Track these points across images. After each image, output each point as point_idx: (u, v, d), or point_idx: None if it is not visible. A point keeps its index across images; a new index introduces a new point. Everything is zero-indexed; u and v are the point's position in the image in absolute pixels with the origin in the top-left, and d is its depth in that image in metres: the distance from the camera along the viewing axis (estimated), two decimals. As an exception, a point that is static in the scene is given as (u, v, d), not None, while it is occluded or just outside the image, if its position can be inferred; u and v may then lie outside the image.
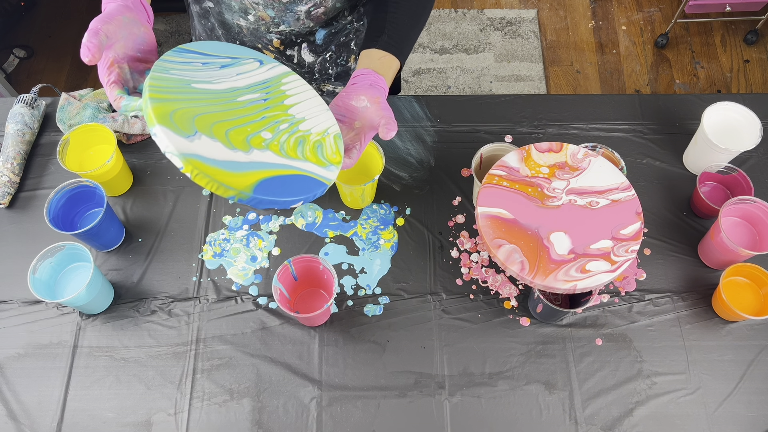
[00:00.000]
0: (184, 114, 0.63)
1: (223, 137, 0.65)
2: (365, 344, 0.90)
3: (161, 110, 0.61)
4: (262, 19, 0.93)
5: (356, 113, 0.78)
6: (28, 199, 1.01)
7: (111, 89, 0.68)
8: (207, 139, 0.63)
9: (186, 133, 0.62)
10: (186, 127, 0.62)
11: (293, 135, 0.71)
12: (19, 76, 2.18)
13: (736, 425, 0.85)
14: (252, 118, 0.69)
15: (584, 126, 1.07)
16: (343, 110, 0.79)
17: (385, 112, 0.78)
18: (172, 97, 0.63)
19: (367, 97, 0.78)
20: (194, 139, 0.62)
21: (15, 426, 0.85)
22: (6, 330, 0.91)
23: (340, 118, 0.79)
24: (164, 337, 0.90)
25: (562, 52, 2.25)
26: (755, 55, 2.23)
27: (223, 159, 0.63)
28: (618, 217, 0.81)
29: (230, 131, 0.66)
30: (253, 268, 0.95)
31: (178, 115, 0.62)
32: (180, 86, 0.65)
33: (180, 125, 0.62)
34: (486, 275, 0.95)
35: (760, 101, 1.08)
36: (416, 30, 0.88)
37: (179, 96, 0.64)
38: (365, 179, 0.96)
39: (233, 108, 0.68)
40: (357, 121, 0.78)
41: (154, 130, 0.60)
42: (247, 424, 0.85)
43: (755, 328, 0.91)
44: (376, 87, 0.80)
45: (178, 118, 0.62)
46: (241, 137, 0.67)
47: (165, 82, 0.64)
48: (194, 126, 0.63)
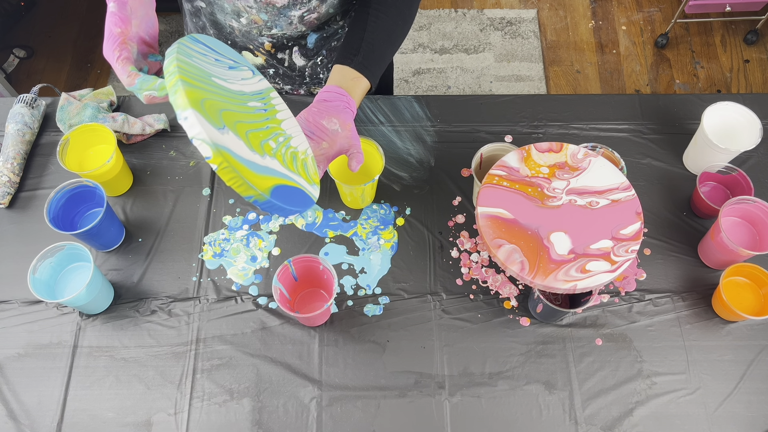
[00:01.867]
0: (212, 105, 0.61)
1: (245, 137, 0.64)
2: (365, 344, 0.90)
3: (194, 95, 0.58)
4: (255, 22, 0.93)
5: (326, 134, 0.78)
6: (28, 199, 1.01)
7: (123, 64, 0.67)
8: (233, 135, 0.61)
9: (216, 124, 0.59)
10: (215, 118, 0.60)
11: (288, 149, 0.71)
12: (19, 76, 2.18)
13: (736, 425, 0.85)
14: (261, 125, 0.69)
15: (584, 126, 1.07)
16: (313, 127, 0.78)
17: (355, 141, 0.79)
18: (199, 84, 0.61)
19: (339, 121, 0.78)
20: (224, 132, 0.60)
21: (15, 426, 0.85)
22: (6, 330, 0.91)
23: (309, 134, 0.78)
24: (164, 337, 0.90)
25: (562, 52, 2.25)
26: (755, 55, 2.23)
27: (247, 158, 0.62)
28: (618, 217, 0.81)
29: (249, 133, 0.65)
30: (253, 268, 0.95)
31: (208, 104, 0.60)
32: (203, 76, 0.63)
33: (211, 115, 0.59)
34: (486, 275, 0.95)
35: (760, 101, 1.08)
36: (391, 51, 0.89)
37: (205, 86, 0.62)
38: (365, 179, 0.96)
39: (247, 111, 0.68)
40: (325, 143, 0.78)
41: (185, 114, 0.57)
42: (247, 424, 0.85)
43: (755, 328, 0.91)
44: (347, 111, 0.80)
45: (209, 107, 0.60)
46: (257, 141, 0.66)
47: (191, 67, 0.61)
48: (222, 119, 0.61)
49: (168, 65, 0.60)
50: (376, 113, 1.08)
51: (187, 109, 0.57)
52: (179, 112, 0.57)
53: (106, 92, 1.07)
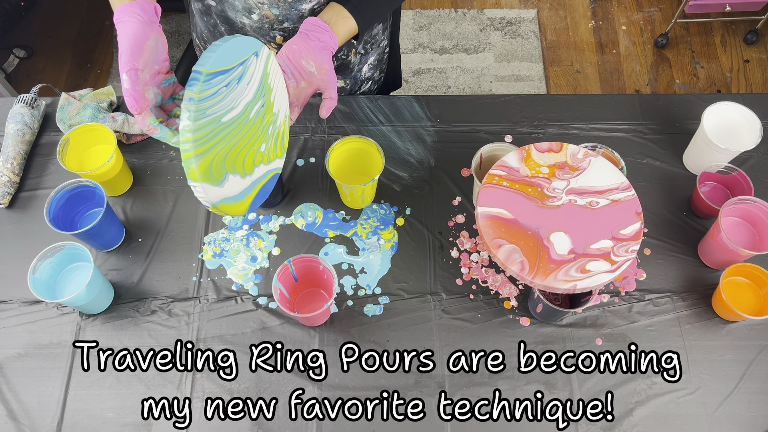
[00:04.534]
0: (218, 161, 0.69)
1: (241, 168, 0.72)
2: (365, 344, 0.90)
3: (203, 165, 0.66)
4: (267, 17, 0.93)
5: (304, 75, 0.82)
6: (28, 199, 1.01)
7: (143, 118, 0.71)
8: (231, 178, 0.71)
9: (218, 180, 0.69)
10: (218, 173, 0.69)
11: (274, 136, 0.77)
12: (19, 76, 2.18)
13: (736, 425, 0.85)
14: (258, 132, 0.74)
15: (584, 126, 1.07)
16: (292, 67, 0.82)
17: (330, 84, 0.83)
18: (209, 145, 0.67)
19: (316, 63, 0.82)
20: (224, 183, 0.70)
21: (15, 426, 0.85)
22: (6, 330, 0.91)
23: (289, 73, 0.82)
24: (164, 337, 0.90)
25: (562, 52, 2.25)
26: (755, 55, 2.23)
27: (239, 191, 0.72)
28: (618, 217, 0.81)
29: (246, 158, 0.73)
30: (253, 268, 0.95)
31: (214, 164, 0.68)
32: (214, 127, 0.68)
33: (215, 174, 0.69)
34: (486, 275, 0.95)
35: (760, 101, 1.08)
36: (387, 6, 0.92)
37: (215, 140, 0.68)
38: (365, 179, 0.96)
39: (248, 129, 0.73)
40: (303, 82, 0.83)
41: (195, 185, 0.67)
42: (247, 425, 0.85)
43: (755, 328, 0.91)
44: (325, 51, 0.83)
45: (215, 167, 0.68)
46: (249, 161, 0.74)
47: (203, 128, 0.66)
48: (225, 170, 0.70)
49: (183, 131, 0.65)
50: (376, 113, 1.08)
51: (198, 182, 0.67)
52: (190, 181, 0.67)
53: (106, 92, 1.07)
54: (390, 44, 1.14)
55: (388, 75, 1.19)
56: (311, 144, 1.05)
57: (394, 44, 1.17)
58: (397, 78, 1.24)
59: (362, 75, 1.11)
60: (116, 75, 2.19)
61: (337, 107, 1.08)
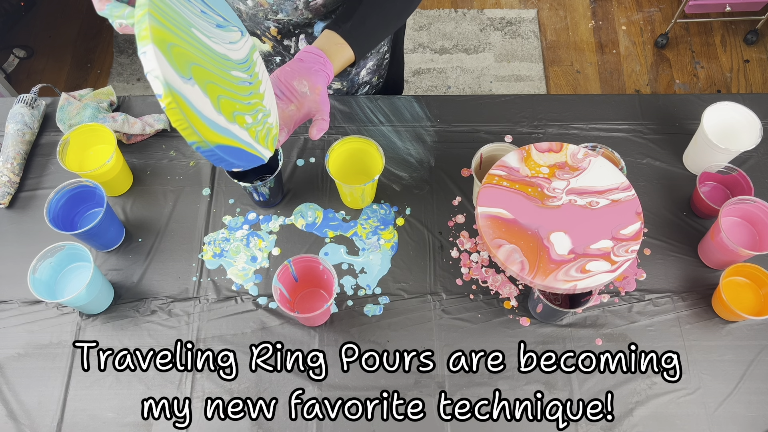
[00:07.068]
0: (182, 54, 0.57)
1: (215, 99, 0.60)
2: (365, 344, 0.90)
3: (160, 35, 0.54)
4: (261, 5, 0.92)
5: (295, 96, 0.79)
6: (28, 199, 1.01)
7: None
8: (199, 91, 0.58)
9: (181, 72, 0.56)
10: (182, 67, 0.56)
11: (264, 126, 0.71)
12: (19, 76, 2.18)
13: (736, 425, 0.85)
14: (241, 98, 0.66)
15: (584, 126, 1.07)
16: (283, 87, 0.79)
17: (323, 107, 0.79)
18: (171, 27, 0.56)
19: (309, 84, 0.79)
20: (187, 82, 0.56)
21: (15, 426, 0.85)
22: (6, 330, 0.91)
23: (278, 94, 0.79)
24: (164, 337, 0.90)
25: (562, 52, 2.25)
26: (755, 55, 2.23)
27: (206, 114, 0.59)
28: (618, 217, 0.81)
29: (222, 98, 0.62)
30: (253, 268, 0.95)
31: (176, 50, 0.56)
32: (182, 23, 0.58)
33: (177, 62, 0.55)
34: (486, 275, 0.95)
35: (760, 101, 1.08)
36: (383, 27, 0.89)
37: (180, 33, 0.57)
38: (365, 179, 0.96)
39: (228, 79, 0.65)
40: (293, 105, 0.79)
41: (144, 49, 0.52)
42: (247, 425, 0.85)
43: (755, 328, 0.91)
44: (321, 74, 0.80)
45: (176, 54, 0.56)
46: (229, 109, 0.63)
47: (167, 8, 0.57)
48: (190, 72, 0.57)
49: None
50: (376, 113, 1.08)
51: (148, 44, 0.52)
52: (139, 46, 0.52)
53: (106, 92, 1.07)
54: (392, 50, 1.13)
55: (389, 80, 1.18)
56: (311, 144, 1.05)
57: (397, 50, 1.16)
58: (398, 84, 1.23)
59: (360, 79, 1.11)
60: (116, 75, 2.19)
61: (337, 107, 1.08)
